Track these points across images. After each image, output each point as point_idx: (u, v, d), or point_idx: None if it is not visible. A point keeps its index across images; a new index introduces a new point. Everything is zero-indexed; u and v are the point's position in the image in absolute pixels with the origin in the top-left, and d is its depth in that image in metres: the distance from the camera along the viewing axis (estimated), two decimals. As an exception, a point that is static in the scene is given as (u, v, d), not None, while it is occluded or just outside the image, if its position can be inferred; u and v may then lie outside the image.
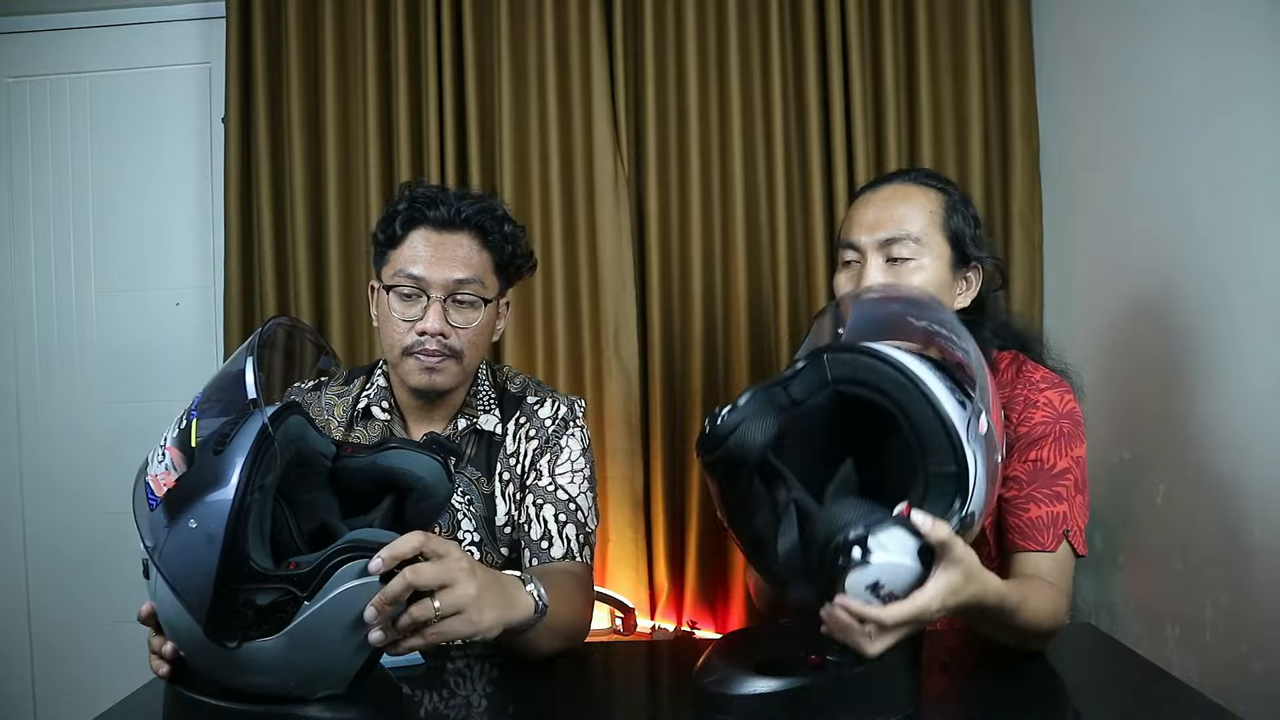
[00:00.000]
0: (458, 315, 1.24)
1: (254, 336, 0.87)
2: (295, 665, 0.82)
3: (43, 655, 2.34)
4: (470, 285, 1.24)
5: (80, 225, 2.33)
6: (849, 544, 0.76)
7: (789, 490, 0.89)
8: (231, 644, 0.80)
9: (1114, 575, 1.66)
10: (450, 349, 1.24)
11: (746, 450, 0.87)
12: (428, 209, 1.24)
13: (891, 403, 0.85)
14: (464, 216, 1.25)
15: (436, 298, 1.23)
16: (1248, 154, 1.30)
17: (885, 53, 2.03)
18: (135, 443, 2.26)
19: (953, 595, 0.81)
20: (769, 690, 0.89)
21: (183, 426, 0.83)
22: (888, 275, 1.19)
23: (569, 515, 1.27)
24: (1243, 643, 1.28)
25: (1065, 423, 1.17)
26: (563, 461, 1.30)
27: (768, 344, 2.07)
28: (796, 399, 0.91)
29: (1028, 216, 2.00)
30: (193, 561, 0.78)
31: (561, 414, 1.34)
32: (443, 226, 1.25)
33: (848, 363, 0.89)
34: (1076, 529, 1.13)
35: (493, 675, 1.08)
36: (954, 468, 0.83)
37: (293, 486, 0.92)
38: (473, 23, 2.08)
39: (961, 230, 1.21)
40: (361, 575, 0.79)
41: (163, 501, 0.80)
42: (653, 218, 2.08)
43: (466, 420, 1.32)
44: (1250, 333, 1.29)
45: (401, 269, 1.23)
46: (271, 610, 0.79)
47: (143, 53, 2.31)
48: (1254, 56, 1.30)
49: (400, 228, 1.25)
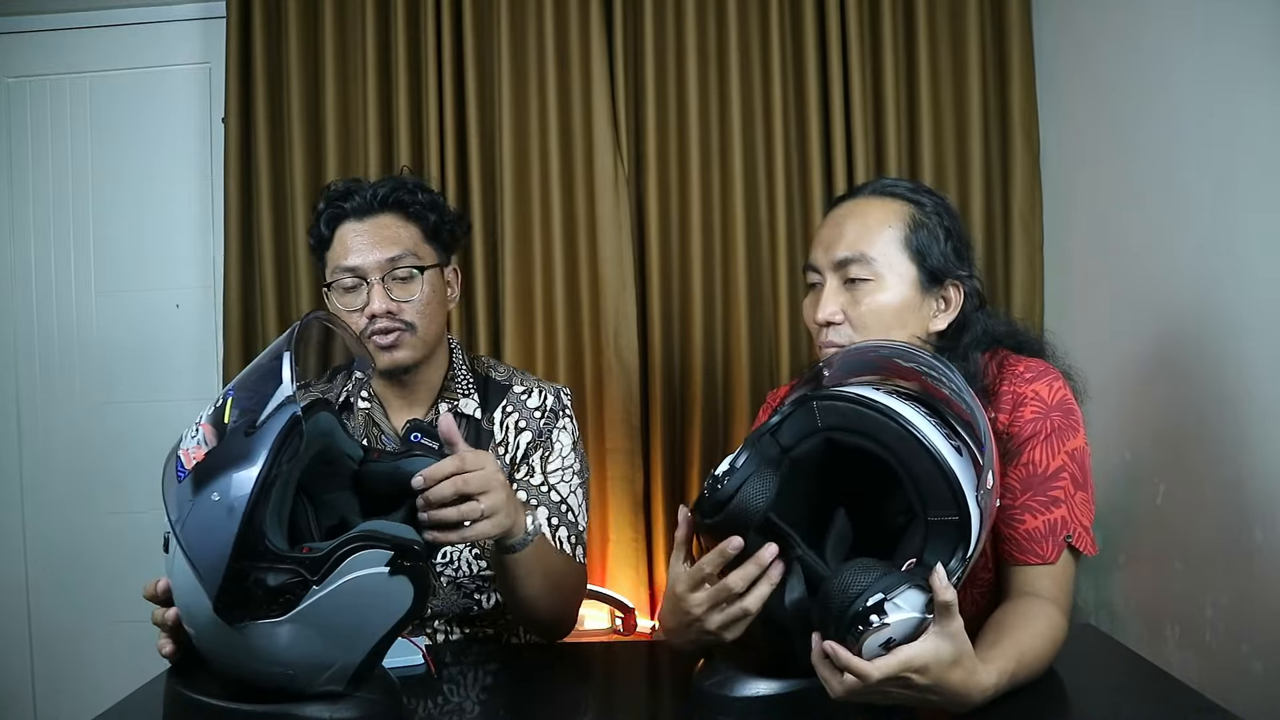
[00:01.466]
0: (399, 291, 1.27)
1: (293, 327, 0.91)
2: (298, 651, 0.82)
3: (43, 655, 2.33)
4: (403, 260, 1.28)
5: (80, 225, 2.33)
6: (868, 612, 0.75)
7: (793, 548, 0.87)
8: (240, 623, 0.81)
9: (1114, 575, 1.66)
10: (403, 323, 1.27)
11: (750, 514, 0.86)
12: (344, 202, 1.29)
13: (890, 453, 0.84)
14: (379, 198, 1.29)
15: (375, 280, 1.26)
16: (1249, 151, 1.30)
17: (885, 53, 2.03)
18: (135, 443, 2.30)
19: (938, 664, 0.78)
20: (769, 693, 0.89)
21: (218, 405, 0.86)
22: (844, 298, 1.12)
23: (560, 517, 1.29)
24: (1243, 643, 1.28)
25: (1055, 415, 1.08)
26: (554, 459, 1.32)
27: (768, 344, 2.08)
28: (786, 446, 0.89)
29: (1028, 216, 2.00)
30: (211, 534, 0.81)
31: (550, 404, 1.35)
32: (362, 214, 1.29)
33: (839, 410, 0.87)
34: (1080, 529, 1.06)
35: (493, 675, 1.08)
36: (956, 516, 0.82)
37: (316, 484, 0.93)
38: (473, 22, 2.08)
39: (928, 246, 1.12)
40: (372, 565, 0.81)
41: (190, 473, 0.83)
42: (653, 218, 2.08)
43: (447, 405, 1.33)
44: (1251, 331, 1.29)
45: (337, 264, 1.28)
46: (281, 592, 0.80)
47: (143, 53, 2.31)
48: (1254, 53, 1.29)
49: (325, 227, 1.30)
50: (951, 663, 0.79)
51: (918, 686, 0.79)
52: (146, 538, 0.96)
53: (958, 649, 0.79)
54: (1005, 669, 0.86)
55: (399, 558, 0.83)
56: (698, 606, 0.90)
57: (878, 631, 0.75)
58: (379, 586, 0.82)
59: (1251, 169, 1.29)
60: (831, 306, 1.13)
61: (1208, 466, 1.37)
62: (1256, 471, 1.27)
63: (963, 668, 0.80)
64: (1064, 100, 1.95)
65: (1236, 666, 1.28)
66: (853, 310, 1.12)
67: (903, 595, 0.76)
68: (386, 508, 0.95)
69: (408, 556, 0.83)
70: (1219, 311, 1.36)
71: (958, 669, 0.79)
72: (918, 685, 0.78)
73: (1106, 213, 1.75)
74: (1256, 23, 1.29)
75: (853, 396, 0.87)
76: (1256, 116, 1.28)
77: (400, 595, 0.84)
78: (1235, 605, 1.30)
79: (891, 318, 1.11)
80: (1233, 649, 1.30)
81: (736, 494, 0.86)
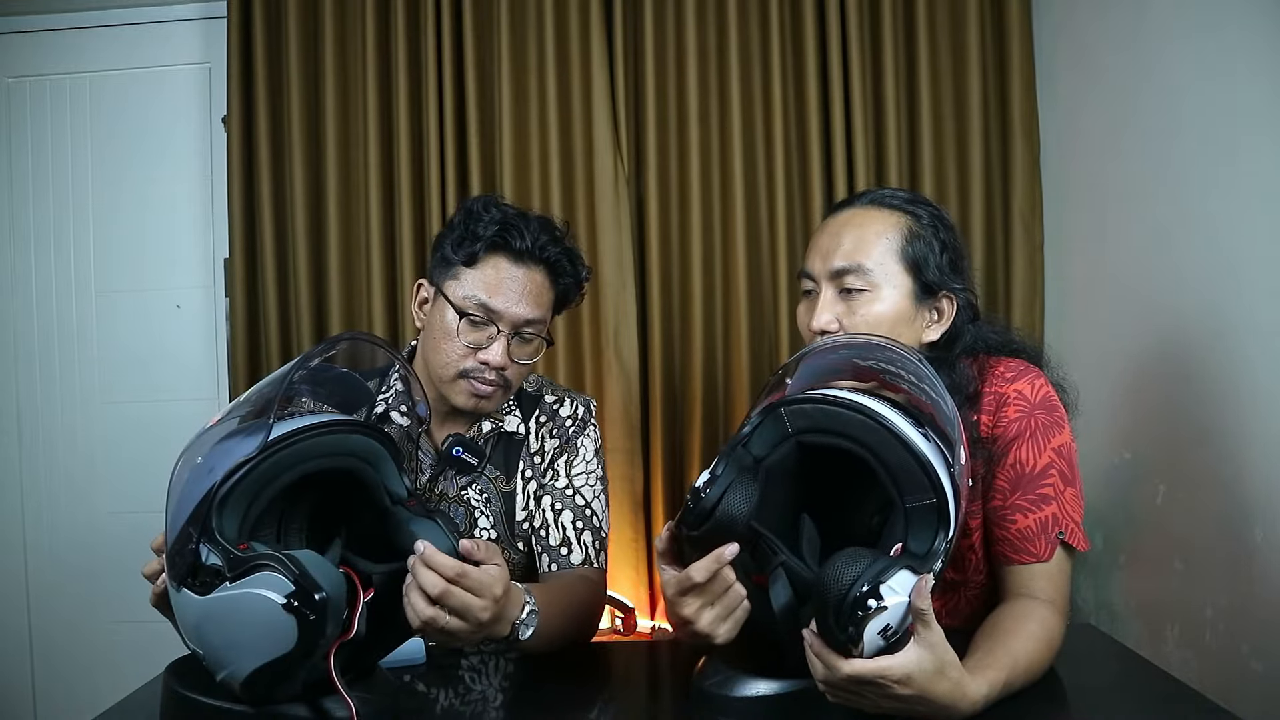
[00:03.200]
0: (519, 351, 1.25)
1: (394, 357, 1.04)
2: (203, 637, 0.84)
3: (43, 655, 2.34)
4: (536, 324, 1.25)
5: (80, 225, 2.33)
6: (865, 597, 0.76)
7: (776, 554, 0.88)
8: (173, 582, 0.84)
9: (1114, 575, 1.66)
10: (504, 379, 1.24)
11: (735, 521, 0.87)
12: (512, 238, 1.22)
13: (861, 447, 0.85)
14: (545, 255, 1.25)
15: (505, 332, 1.23)
16: (1249, 151, 1.30)
17: (885, 53, 2.03)
18: (135, 443, 2.30)
19: (921, 674, 0.78)
20: (769, 693, 0.89)
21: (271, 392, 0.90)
22: (839, 307, 1.13)
23: (585, 521, 1.30)
24: (1243, 643, 1.28)
25: (1039, 413, 1.09)
26: (578, 463, 1.33)
27: (768, 344, 2.08)
28: (759, 456, 0.90)
29: (1028, 216, 2.00)
30: (187, 491, 0.86)
31: (580, 414, 1.36)
32: (521, 259, 1.24)
33: (807, 413, 0.88)
34: (1071, 524, 1.07)
35: (493, 675, 1.08)
36: (933, 499, 0.83)
37: (333, 500, 0.95)
38: (473, 22, 2.09)
39: (924, 258, 1.13)
40: (271, 589, 0.79)
41: (205, 430, 0.90)
42: (653, 218, 2.08)
43: (492, 424, 1.32)
44: (1251, 331, 1.29)
45: (474, 295, 1.22)
46: (204, 573, 0.82)
47: (143, 53, 2.31)
48: (1255, 54, 1.29)
49: (482, 250, 1.23)
50: (935, 672, 0.79)
51: (902, 697, 0.79)
52: (146, 538, 0.96)
53: (939, 659, 0.79)
54: (996, 679, 0.86)
55: (296, 598, 0.78)
56: (687, 608, 0.91)
57: (876, 616, 0.76)
58: (267, 615, 0.78)
59: (1252, 169, 1.29)
60: (827, 315, 1.13)
61: (1208, 466, 1.37)
62: (1256, 471, 1.27)
63: (948, 679, 0.80)
64: (1064, 100, 1.95)
65: (1236, 666, 1.28)
66: (848, 320, 1.13)
67: (895, 578, 0.77)
68: (388, 557, 0.94)
69: (306, 602, 0.78)
70: (1219, 312, 1.36)
71: (943, 680, 0.80)
72: (902, 695, 0.79)
73: (1106, 213, 1.75)
74: (1257, 23, 1.29)
75: (818, 397, 0.88)
76: (1257, 117, 1.29)
77: (282, 634, 0.79)
78: (1235, 605, 1.30)
79: (886, 328, 1.11)
80: (1233, 649, 1.30)
81: (719, 504, 0.87)
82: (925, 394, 0.87)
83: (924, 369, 0.88)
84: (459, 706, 1.00)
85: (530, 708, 1.01)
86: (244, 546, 0.83)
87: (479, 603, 0.92)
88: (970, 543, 1.12)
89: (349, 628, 0.84)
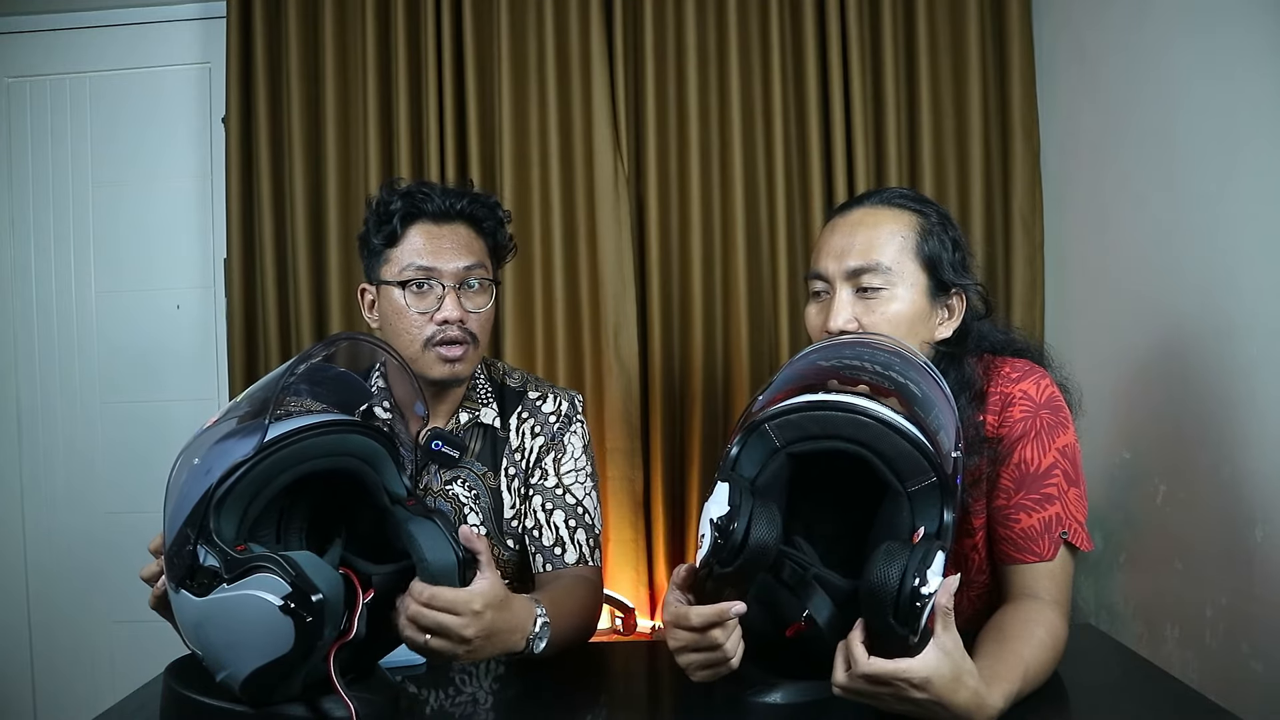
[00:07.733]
0: (470, 301, 1.26)
1: (391, 356, 1.05)
2: (202, 638, 0.84)
3: (43, 654, 2.34)
4: (477, 270, 1.27)
5: (81, 225, 2.33)
6: (918, 589, 0.76)
7: (808, 569, 0.88)
8: (172, 583, 0.84)
9: (1114, 575, 1.66)
10: (469, 334, 1.26)
11: (767, 548, 0.84)
12: (424, 203, 1.26)
13: (852, 443, 0.85)
14: (458, 208, 1.28)
15: (450, 286, 1.24)
16: (1250, 151, 1.30)
17: (885, 53, 2.03)
18: (135, 443, 2.30)
19: (940, 680, 0.78)
20: (789, 700, 0.89)
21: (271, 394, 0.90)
22: (857, 307, 1.11)
23: (578, 520, 1.30)
24: (1243, 643, 1.28)
25: (1044, 413, 1.09)
26: (566, 460, 1.33)
27: (768, 344, 2.08)
28: (750, 475, 0.89)
29: (1028, 216, 2.00)
30: (184, 492, 0.86)
31: (564, 410, 1.36)
32: (440, 218, 1.27)
33: (792, 423, 0.87)
34: (1075, 524, 1.06)
35: (493, 675, 1.08)
36: (934, 477, 0.83)
37: (333, 501, 0.95)
38: (473, 22, 2.09)
39: (938, 255, 1.12)
40: (268, 591, 0.79)
41: (202, 431, 0.89)
42: (653, 218, 2.08)
43: (468, 414, 1.33)
44: (1251, 331, 1.29)
45: (410, 263, 1.24)
46: (203, 574, 0.82)
47: (143, 53, 2.31)
48: (1255, 54, 1.29)
49: (400, 224, 1.26)
50: (953, 679, 0.79)
51: (918, 701, 0.79)
52: (145, 537, 0.96)
53: (957, 665, 0.79)
54: (1010, 691, 0.87)
55: (293, 599, 0.78)
56: (674, 641, 0.91)
57: (930, 603, 0.76)
58: (264, 616, 0.78)
59: (1252, 169, 1.29)
60: (845, 314, 1.11)
61: (1208, 466, 1.37)
62: (1256, 471, 1.27)
63: (967, 687, 0.80)
64: (1064, 100, 1.95)
65: (1236, 666, 1.28)
66: (866, 319, 1.11)
67: (935, 563, 0.77)
68: (389, 556, 0.94)
69: (303, 604, 0.78)
70: (1219, 312, 1.36)
71: (962, 689, 0.80)
72: (918, 699, 0.79)
73: (1106, 213, 1.75)
74: (1257, 23, 1.29)
75: (799, 405, 0.88)
76: (1257, 117, 1.29)
77: (280, 636, 0.79)
78: (1235, 605, 1.30)
79: (904, 326, 1.10)
80: (1233, 649, 1.30)
81: (749, 535, 0.84)
82: (890, 380, 0.87)
83: (890, 356, 0.88)
84: (458, 707, 1.00)
85: (530, 708, 1.01)
86: (242, 548, 0.83)
87: (457, 620, 0.91)
88: (973, 542, 1.12)
89: (348, 629, 0.84)
